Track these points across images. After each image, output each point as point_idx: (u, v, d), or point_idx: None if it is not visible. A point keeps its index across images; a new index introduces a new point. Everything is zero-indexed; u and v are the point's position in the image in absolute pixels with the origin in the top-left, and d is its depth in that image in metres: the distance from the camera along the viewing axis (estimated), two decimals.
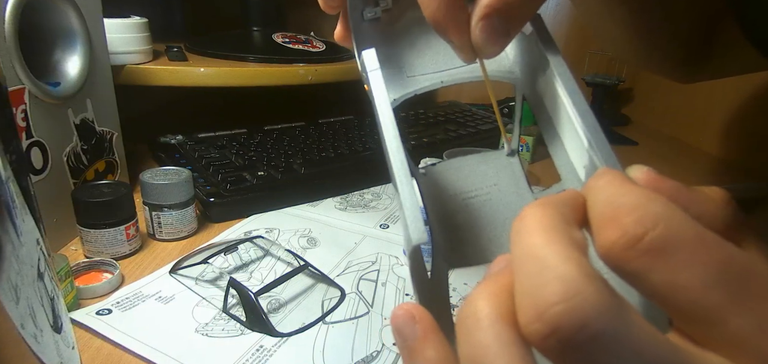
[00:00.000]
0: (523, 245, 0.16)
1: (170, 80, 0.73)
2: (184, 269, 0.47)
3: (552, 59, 0.24)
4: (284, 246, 0.52)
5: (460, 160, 0.28)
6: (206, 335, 0.40)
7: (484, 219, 0.26)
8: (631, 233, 0.15)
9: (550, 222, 0.16)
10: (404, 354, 0.19)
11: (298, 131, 0.80)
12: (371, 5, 0.31)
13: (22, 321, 0.21)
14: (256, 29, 0.94)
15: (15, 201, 0.22)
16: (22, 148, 0.46)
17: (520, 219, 0.17)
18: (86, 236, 0.48)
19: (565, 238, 0.15)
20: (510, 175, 0.28)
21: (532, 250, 0.15)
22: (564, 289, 0.14)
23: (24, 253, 0.22)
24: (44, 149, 0.49)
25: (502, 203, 0.27)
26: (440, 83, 0.29)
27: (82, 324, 0.39)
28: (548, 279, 0.14)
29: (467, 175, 0.27)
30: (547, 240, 0.15)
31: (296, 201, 0.63)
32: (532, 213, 0.16)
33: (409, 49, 0.31)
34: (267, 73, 0.79)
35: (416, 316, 0.19)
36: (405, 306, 0.19)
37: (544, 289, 0.14)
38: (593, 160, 0.22)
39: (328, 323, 0.42)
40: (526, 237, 0.16)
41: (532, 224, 0.16)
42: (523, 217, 0.17)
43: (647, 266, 0.15)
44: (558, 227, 0.16)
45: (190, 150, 0.69)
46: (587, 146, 0.22)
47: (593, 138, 0.21)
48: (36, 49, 0.50)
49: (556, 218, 0.16)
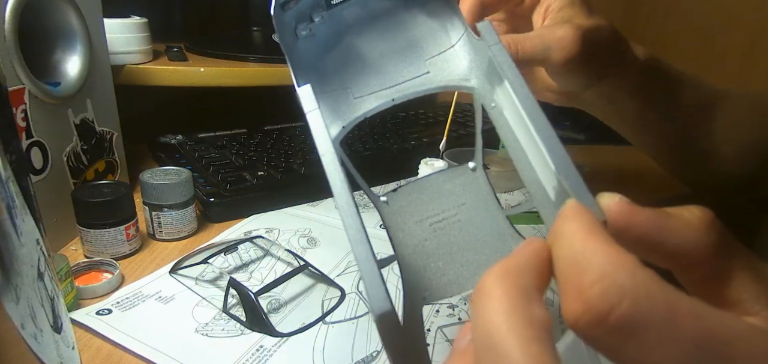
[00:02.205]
0: (483, 328, 0.15)
1: (170, 80, 0.73)
2: (184, 269, 0.47)
3: (507, 74, 0.22)
4: (284, 246, 0.52)
5: (422, 181, 0.26)
6: (206, 335, 0.40)
7: (455, 243, 0.24)
8: (595, 308, 0.14)
9: (511, 302, 0.15)
10: None
11: (298, 131, 0.80)
12: (305, 21, 0.28)
13: (22, 321, 0.21)
14: (256, 29, 0.94)
15: (15, 201, 0.22)
16: (22, 148, 0.46)
17: (480, 294, 0.16)
18: (86, 236, 0.48)
19: (525, 321, 0.15)
20: (476, 192, 0.26)
21: (492, 338, 0.15)
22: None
23: (24, 253, 0.22)
24: (44, 149, 0.49)
25: (472, 223, 0.25)
26: (391, 101, 0.27)
27: (82, 324, 0.39)
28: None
29: (431, 197, 0.26)
30: (507, 326, 0.14)
31: (296, 201, 0.63)
32: (492, 290, 0.15)
33: (352, 66, 0.28)
34: (267, 73, 0.79)
35: None
36: None
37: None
38: (562, 185, 0.20)
39: (328, 323, 0.42)
40: (486, 319, 0.15)
41: (492, 303, 0.15)
42: (483, 292, 0.16)
43: (616, 344, 0.14)
44: (519, 308, 0.15)
45: (190, 150, 0.69)
46: (554, 171, 0.20)
47: (560, 165, 0.20)
48: (36, 49, 0.50)
49: (517, 297, 0.15)
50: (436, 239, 0.24)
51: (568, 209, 0.16)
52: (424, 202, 0.26)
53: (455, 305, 0.45)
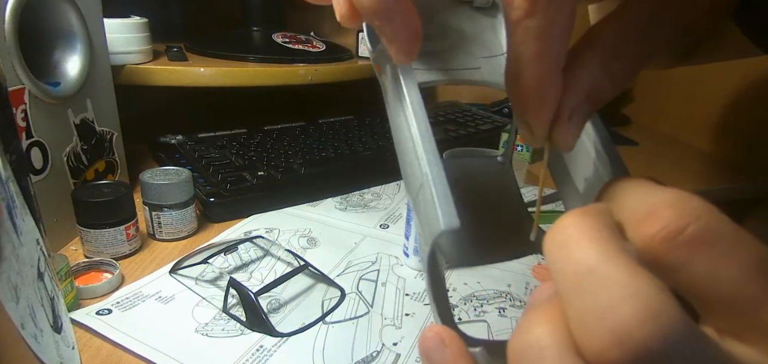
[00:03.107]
0: (573, 260, 0.15)
1: (170, 80, 0.73)
2: (184, 269, 0.47)
3: None
4: (284, 246, 0.52)
5: (463, 161, 0.28)
6: (206, 335, 0.40)
7: (475, 224, 0.26)
8: (673, 224, 0.15)
9: (599, 233, 0.15)
10: None
11: (298, 131, 0.80)
12: None
13: (22, 321, 0.21)
14: (256, 29, 0.94)
15: (15, 201, 0.22)
16: (22, 148, 0.46)
17: (561, 230, 0.16)
18: (86, 236, 0.48)
19: (620, 248, 0.15)
20: (502, 182, 0.28)
21: (587, 265, 0.14)
22: (644, 307, 0.13)
23: (24, 253, 0.22)
24: (44, 149, 0.49)
25: (493, 207, 0.27)
26: (442, 81, 0.28)
27: (82, 324, 0.39)
28: (620, 298, 0.14)
29: (461, 176, 0.27)
30: (603, 253, 0.15)
31: (296, 201, 0.63)
32: (576, 223, 0.15)
33: None
34: (267, 73, 0.79)
35: (446, 340, 0.18)
36: (434, 328, 0.19)
37: (618, 310, 0.13)
38: (598, 172, 0.21)
39: (328, 323, 0.42)
40: (575, 251, 0.15)
41: (579, 235, 0.15)
42: (565, 227, 0.16)
43: (687, 258, 0.15)
44: (610, 237, 0.15)
45: (190, 150, 0.69)
46: (594, 157, 0.21)
47: (604, 150, 0.21)
48: (36, 49, 0.50)
49: (604, 228, 0.15)
50: (466, 215, 0.26)
51: (617, 177, 0.18)
52: (463, 179, 0.27)
53: (455, 305, 0.45)
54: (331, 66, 0.85)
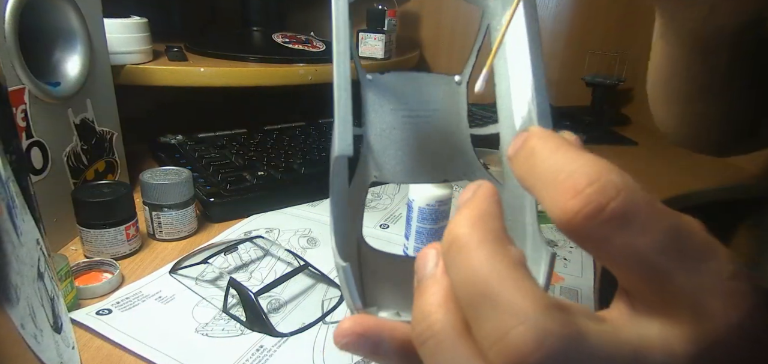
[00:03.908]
0: (470, 278, 0.16)
1: (170, 80, 0.73)
2: (184, 269, 0.47)
3: None
4: (284, 246, 0.52)
5: (409, 76, 0.28)
6: (206, 335, 0.40)
7: (417, 141, 0.26)
8: (595, 201, 0.15)
9: (491, 248, 0.16)
10: None
11: (298, 131, 0.80)
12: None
13: (22, 321, 0.21)
14: (256, 29, 0.94)
15: (15, 201, 0.22)
16: (22, 148, 0.46)
17: (457, 246, 0.17)
18: (86, 236, 0.48)
19: (510, 263, 0.16)
20: (453, 105, 0.28)
21: (484, 287, 0.15)
22: (532, 334, 0.14)
23: (24, 253, 0.22)
24: (44, 149, 0.49)
25: (440, 130, 0.27)
26: None
27: (82, 324, 0.39)
28: (510, 325, 0.15)
29: (412, 92, 0.27)
30: (494, 271, 0.15)
31: (296, 201, 0.63)
32: (469, 240, 0.16)
33: None
34: (267, 73, 0.79)
35: (360, 330, 0.20)
36: (345, 326, 0.20)
37: (510, 338, 0.15)
38: (531, 116, 0.22)
39: (328, 323, 0.42)
40: (471, 269, 0.16)
41: (474, 253, 0.16)
42: (459, 243, 0.16)
43: (607, 234, 0.15)
44: (500, 251, 0.16)
45: (190, 150, 0.69)
46: (529, 99, 0.22)
47: (536, 94, 0.22)
48: (36, 49, 0.50)
49: (495, 242, 0.16)
50: (403, 130, 0.26)
51: (536, 130, 0.18)
52: (404, 94, 0.27)
53: None
54: (331, 66, 0.85)
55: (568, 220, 0.15)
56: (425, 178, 0.26)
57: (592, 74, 1.06)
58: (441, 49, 1.18)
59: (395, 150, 0.25)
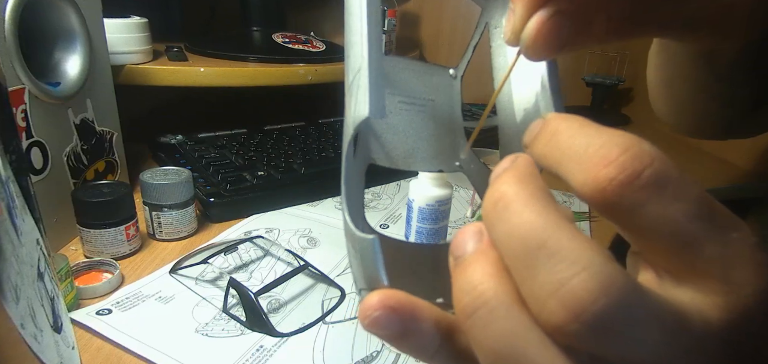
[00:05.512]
0: (519, 231, 0.15)
1: (170, 80, 0.73)
2: (184, 269, 0.47)
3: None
4: (284, 246, 0.52)
5: (406, 62, 0.28)
6: (206, 335, 0.40)
7: (413, 128, 0.26)
8: (630, 169, 0.15)
9: (541, 201, 0.16)
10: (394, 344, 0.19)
11: (298, 131, 0.80)
12: None
13: (22, 321, 0.21)
14: (256, 29, 0.94)
15: (15, 201, 0.22)
16: (22, 148, 0.46)
17: (500, 197, 0.16)
18: (86, 236, 0.48)
19: (562, 216, 0.15)
20: (448, 97, 0.28)
21: (536, 238, 0.15)
22: (596, 281, 0.14)
23: (24, 253, 0.22)
24: (44, 149, 0.49)
25: (434, 119, 0.27)
26: None
27: (82, 324, 0.39)
28: (572, 273, 0.14)
29: (409, 80, 0.27)
30: (548, 224, 0.15)
31: (296, 201, 0.63)
32: (516, 190, 0.16)
33: None
34: (267, 73, 0.79)
35: (392, 305, 0.18)
36: (374, 299, 0.18)
37: (571, 285, 0.14)
38: (538, 106, 0.22)
39: (328, 323, 0.42)
40: (519, 221, 0.15)
41: (521, 204, 0.16)
42: (504, 194, 0.16)
43: (641, 201, 0.15)
44: (550, 204, 0.16)
45: (190, 150, 0.69)
46: (538, 90, 0.22)
47: (549, 85, 0.22)
48: (36, 49, 0.50)
49: (543, 195, 0.16)
50: (400, 115, 0.26)
51: (555, 114, 0.18)
52: (402, 80, 0.27)
53: None
54: (331, 66, 0.85)
55: (602, 188, 0.15)
56: (422, 166, 0.26)
57: (592, 74, 1.06)
58: (441, 50, 1.18)
59: (392, 134, 0.25)
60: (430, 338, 0.18)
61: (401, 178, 0.72)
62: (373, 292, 0.18)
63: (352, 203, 0.20)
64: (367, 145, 0.24)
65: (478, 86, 0.50)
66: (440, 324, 0.18)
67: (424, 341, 0.18)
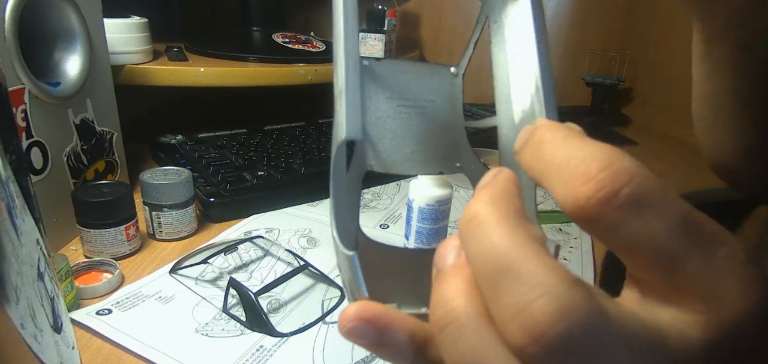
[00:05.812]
0: (488, 253, 0.16)
1: (170, 80, 0.73)
2: (184, 269, 0.47)
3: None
4: (284, 246, 0.52)
5: (405, 64, 0.27)
6: (206, 335, 0.40)
7: (413, 131, 0.26)
8: (608, 188, 0.15)
9: (511, 222, 0.16)
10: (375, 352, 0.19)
11: (298, 131, 0.80)
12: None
13: (22, 321, 0.21)
14: (256, 29, 0.94)
15: (15, 201, 0.22)
16: (22, 148, 0.46)
17: (473, 216, 0.16)
18: (86, 236, 0.48)
19: (531, 238, 0.15)
20: (449, 96, 0.27)
21: (503, 260, 0.15)
22: (555, 306, 0.14)
23: (24, 253, 0.22)
24: (44, 149, 0.49)
25: (435, 121, 0.26)
26: None
27: (82, 324, 0.39)
28: (533, 297, 0.14)
29: (408, 82, 0.27)
30: (516, 246, 0.15)
31: (296, 201, 0.63)
32: (489, 215, 0.16)
33: None
34: (267, 73, 0.79)
35: (367, 316, 0.19)
36: (351, 312, 0.19)
37: (532, 309, 0.14)
38: (533, 108, 0.22)
39: (328, 323, 0.42)
40: (490, 243, 0.16)
41: (494, 228, 0.16)
42: (477, 214, 0.16)
43: (621, 219, 0.15)
44: (521, 227, 0.16)
45: (190, 150, 0.69)
46: (533, 92, 0.22)
47: (543, 88, 0.22)
48: (36, 49, 0.50)
49: (515, 216, 0.16)
50: (398, 119, 0.26)
51: (543, 121, 0.18)
52: (400, 83, 0.26)
53: None
54: (331, 66, 0.85)
55: (580, 206, 0.15)
56: (421, 170, 0.26)
57: (592, 74, 1.06)
58: (441, 50, 1.18)
59: (390, 140, 0.25)
60: (404, 349, 0.19)
61: (401, 178, 0.72)
62: (352, 303, 0.19)
63: (340, 216, 0.21)
64: (362, 155, 0.24)
65: (477, 85, 0.50)
66: (415, 336, 0.19)
67: (399, 352, 0.19)
